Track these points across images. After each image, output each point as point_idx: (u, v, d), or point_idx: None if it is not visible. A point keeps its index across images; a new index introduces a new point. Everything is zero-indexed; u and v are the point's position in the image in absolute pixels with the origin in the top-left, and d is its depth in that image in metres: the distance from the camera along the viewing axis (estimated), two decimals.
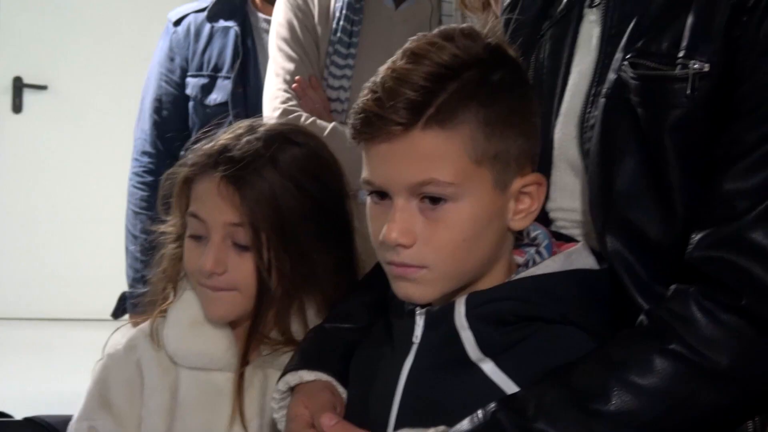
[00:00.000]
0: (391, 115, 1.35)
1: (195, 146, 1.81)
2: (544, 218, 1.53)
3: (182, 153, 3.17)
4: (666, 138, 1.39)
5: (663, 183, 1.40)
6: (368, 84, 1.39)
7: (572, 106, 1.52)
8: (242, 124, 1.81)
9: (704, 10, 1.39)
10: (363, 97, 1.39)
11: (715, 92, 1.37)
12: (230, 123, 3.06)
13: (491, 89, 1.37)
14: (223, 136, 1.78)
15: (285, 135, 1.79)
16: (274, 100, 2.73)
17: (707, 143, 1.38)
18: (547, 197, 1.50)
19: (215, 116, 3.15)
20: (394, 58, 1.40)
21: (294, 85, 2.72)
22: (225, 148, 1.74)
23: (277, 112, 2.69)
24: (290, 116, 2.66)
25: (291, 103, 2.70)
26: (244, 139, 1.75)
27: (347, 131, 1.41)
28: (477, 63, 1.38)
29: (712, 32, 1.37)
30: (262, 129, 1.78)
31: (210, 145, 1.77)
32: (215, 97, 3.24)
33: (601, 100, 1.46)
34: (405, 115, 1.34)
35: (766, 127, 1.33)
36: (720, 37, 1.37)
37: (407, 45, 1.40)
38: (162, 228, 1.83)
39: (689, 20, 1.39)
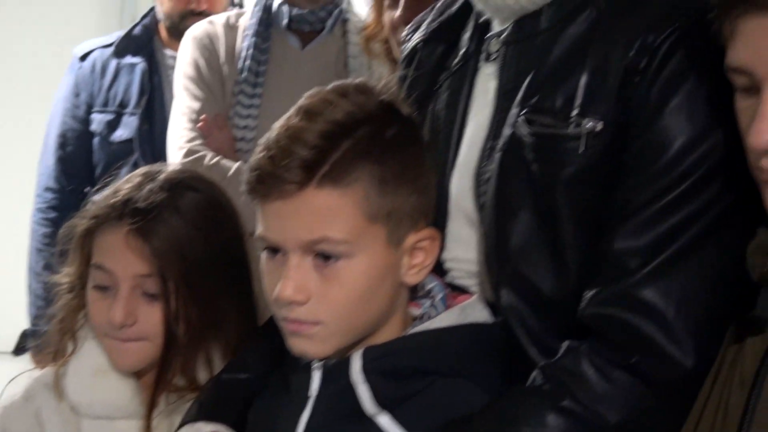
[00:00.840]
0: (285, 174, 1.35)
1: (95, 197, 1.80)
2: (439, 268, 1.53)
3: (87, 189, 3.20)
4: (559, 195, 1.41)
5: (556, 239, 1.42)
6: (263, 141, 1.40)
7: (468, 159, 1.53)
8: (139, 173, 1.80)
9: (598, 69, 1.41)
10: (257, 154, 1.39)
11: (608, 151, 1.39)
12: (135, 161, 3.09)
13: (385, 146, 1.38)
14: (123, 186, 1.76)
15: (185, 182, 1.79)
16: (179, 139, 2.71)
17: (600, 201, 1.40)
18: (442, 247, 1.51)
19: (120, 153, 3.15)
20: (288, 114, 1.40)
21: (199, 124, 2.71)
22: (129, 200, 1.73)
23: (182, 152, 2.68)
24: (195, 155, 2.65)
25: (196, 142, 2.69)
26: (146, 189, 1.74)
27: (242, 188, 1.41)
28: (371, 120, 1.38)
29: (605, 91, 1.40)
30: (161, 177, 1.77)
31: (112, 196, 1.76)
32: (121, 133, 3.22)
33: (497, 155, 1.48)
34: (299, 174, 1.35)
35: (657, 186, 1.36)
36: (613, 97, 1.39)
37: (301, 102, 1.41)
38: (58, 278, 1.81)
39: (583, 79, 1.41)
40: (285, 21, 2.78)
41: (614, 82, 1.39)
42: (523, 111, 1.45)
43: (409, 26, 1.76)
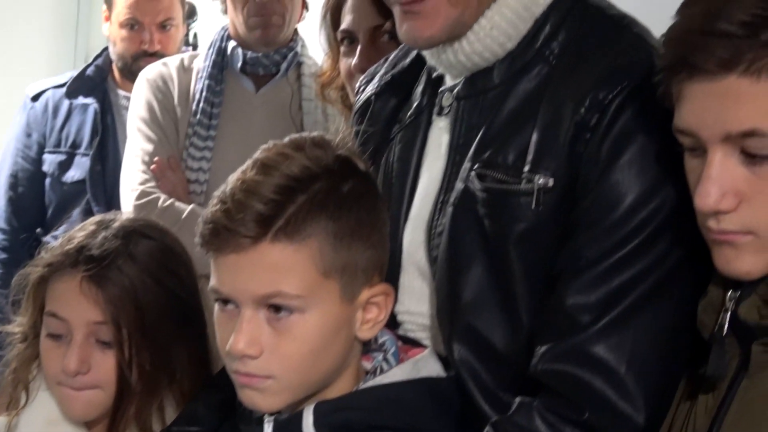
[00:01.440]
0: (240, 228, 1.35)
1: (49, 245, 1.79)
2: (392, 321, 1.53)
3: (39, 231, 3.18)
4: (512, 250, 1.42)
5: (509, 294, 1.43)
6: (218, 193, 1.40)
7: (421, 212, 1.54)
8: (93, 220, 1.80)
9: (549, 125, 1.42)
10: (212, 207, 1.39)
11: (559, 207, 1.40)
12: (87, 202, 3.07)
13: (340, 201, 1.38)
14: (77, 234, 1.76)
15: (139, 230, 1.79)
16: (132, 181, 2.70)
17: (551, 256, 1.41)
18: (395, 300, 1.51)
19: (72, 194, 3.13)
20: (244, 167, 1.40)
21: (152, 167, 2.70)
22: (83, 247, 1.72)
23: (135, 194, 2.67)
24: (148, 198, 2.64)
25: (149, 184, 2.68)
26: (100, 236, 1.74)
27: (196, 239, 1.41)
28: (327, 174, 1.39)
29: (556, 147, 1.41)
30: (115, 225, 1.77)
31: (66, 243, 1.75)
32: (73, 174, 3.19)
33: (449, 209, 1.48)
34: (254, 228, 1.34)
35: (608, 242, 1.37)
36: (564, 153, 1.40)
37: (257, 155, 1.41)
38: (11, 328, 1.80)
39: (534, 134, 1.43)
40: (239, 64, 2.79)
41: (565, 138, 1.41)
42: (475, 166, 1.46)
43: (362, 78, 1.77)
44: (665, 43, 1.27)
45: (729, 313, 1.28)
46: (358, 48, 2.23)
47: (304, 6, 2.85)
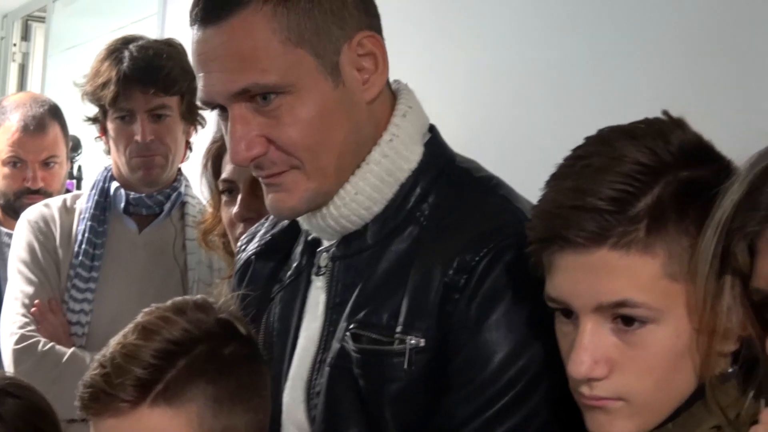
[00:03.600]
0: (119, 393, 1.35)
1: None
2: None
3: None
4: (386, 410, 1.44)
5: None
6: (98, 357, 1.40)
7: (300, 371, 1.56)
8: None
9: (420, 286, 1.46)
10: (92, 371, 1.39)
11: (431, 366, 1.43)
12: None
13: (221, 365, 1.40)
14: None
15: (6, 389, 1.77)
16: (11, 324, 2.67)
17: (426, 416, 1.43)
18: None
19: None
20: (125, 331, 1.41)
21: (33, 309, 2.67)
22: None
23: (15, 338, 2.63)
24: (28, 342, 2.61)
25: (29, 328, 2.65)
26: None
27: (75, 402, 1.40)
28: (208, 338, 1.40)
29: (427, 308, 1.44)
30: None
31: None
32: None
33: (327, 369, 1.50)
34: (132, 393, 1.35)
35: (478, 401, 1.40)
36: (434, 313, 1.44)
37: (139, 318, 1.42)
38: None
39: (406, 295, 1.46)
40: (122, 204, 2.78)
41: (435, 298, 1.44)
42: (351, 326, 1.49)
43: (243, 237, 1.79)
44: (536, 216, 1.31)
45: None
46: (239, 197, 2.25)
47: (188, 146, 2.87)
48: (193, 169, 2.73)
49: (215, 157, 2.37)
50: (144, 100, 2.68)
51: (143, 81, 2.67)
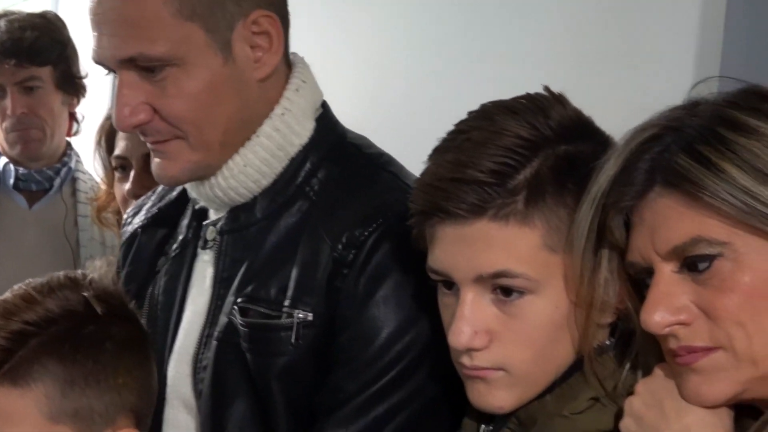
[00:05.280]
0: None
1: None
2: None
3: None
4: (273, 384, 1.45)
5: (271, 428, 1.45)
6: None
7: (185, 345, 1.55)
8: None
9: (308, 260, 1.46)
10: None
11: (319, 341, 1.44)
12: None
13: (78, 345, 1.38)
14: None
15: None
16: None
17: (312, 390, 1.44)
18: None
19: None
20: None
21: None
22: None
23: None
24: None
25: None
26: None
27: None
28: (68, 317, 1.39)
29: (315, 283, 1.45)
30: None
31: None
32: None
33: (213, 343, 1.50)
34: None
35: (364, 377, 1.41)
36: (323, 288, 1.44)
37: (4, 296, 1.40)
38: None
39: (295, 269, 1.46)
40: (11, 180, 2.74)
41: (324, 273, 1.44)
42: (239, 300, 1.49)
43: (129, 210, 1.77)
44: (417, 189, 1.32)
45: None
46: (132, 174, 2.23)
47: (73, 118, 2.82)
48: (85, 144, 2.70)
49: (109, 133, 2.35)
50: (11, 73, 2.65)
51: (6, 53, 2.64)
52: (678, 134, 1.17)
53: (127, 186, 2.24)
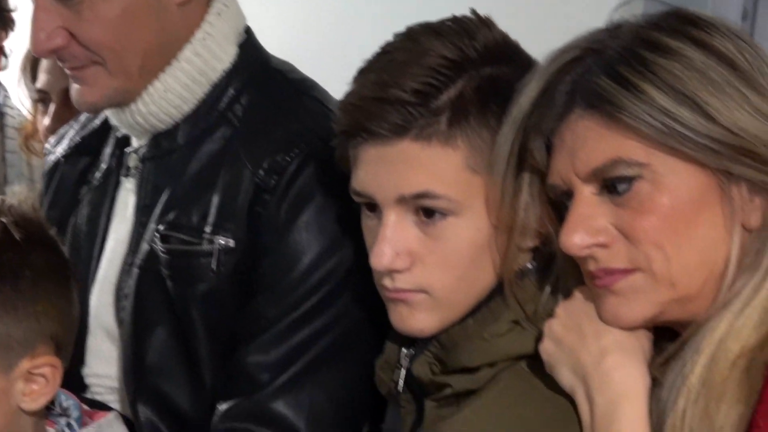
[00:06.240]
0: None
1: None
2: (80, 384, 1.52)
3: None
4: (194, 311, 1.44)
5: (193, 355, 1.44)
6: None
7: (108, 274, 1.54)
8: None
9: (230, 186, 1.45)
10: None
11: (240, 267, 1.43)
12: None
13: None
14: None
15: None
16: None
17: (233, 317, 1.43)
18: (83, 363, 1.50)
19: None
20: None
21: None
22: None
23: None
24: None
25: None
26: None
27: None
28: None
29: (236, 209, 1.43)
30: None
31: None
32: None
33: (135, 271, 1.49)
34: None
35: (287, 302, 1.41)
36: (244, 215, 1.43)
37: None
38: None
39: (216, 196, 1.45)
40: None
41: (245, 199, 1.43)
42: (160, 227, 1.47)
43: (51, 139, 1.75)
44: (341, 109, 1.31)
45: (404, 370, 1.33)
46: (51, 109, 2.19)
47: (2, 53, 2.77)
48: (12, 79, 2.65)
49: (33, 62, 2.31)
50: None
51: None
52: (599, 56, 1.16)
53: (47, 121, 2.20)
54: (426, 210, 1.25)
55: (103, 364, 1.54)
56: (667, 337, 1.19)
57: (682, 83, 1.11)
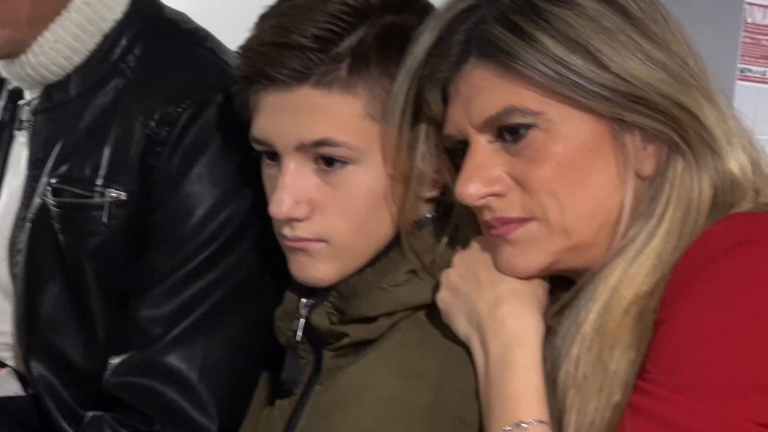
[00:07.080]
0: None
1: None
2: None
3: None
4: (86, 265, 1.41)
5: (85, 310, 1.42)
6: None
7: (1, 229, 1.51)
8: None
9: (121, 139, 1.42)
10: None
11: (132, 220, 1.40)
12: None
13: None
14: None
15: None
16: None
17: (126, 271, 1.41)
18: None
19: None
20: None
21: None
22: None
23: None
24: None
25: None
26: None
27: None
28: None
29: (128, 161, 1.41)
30: None
31: None
32: None
33: (28, 225, 1.46)
34: None
35: (180, 255, 1.38)
36: (136, 167, 1.40)
37: None
38: None
39: (107, 148, 1.42)
40: None
41: (136, 151, 1.41)
42: (52, 180, 1.44)
43: None
44: (241, 55, 1.29)
45: (303, 319, 1.33)
46: None
47: None
48: None
49: None
50: None
51: None
52: (493, 5, 1.16)
53: None
54: (326, 158, 1.23)
55: None
56: (564, 287, 1.20)
57: (575, 31, 1.11)
